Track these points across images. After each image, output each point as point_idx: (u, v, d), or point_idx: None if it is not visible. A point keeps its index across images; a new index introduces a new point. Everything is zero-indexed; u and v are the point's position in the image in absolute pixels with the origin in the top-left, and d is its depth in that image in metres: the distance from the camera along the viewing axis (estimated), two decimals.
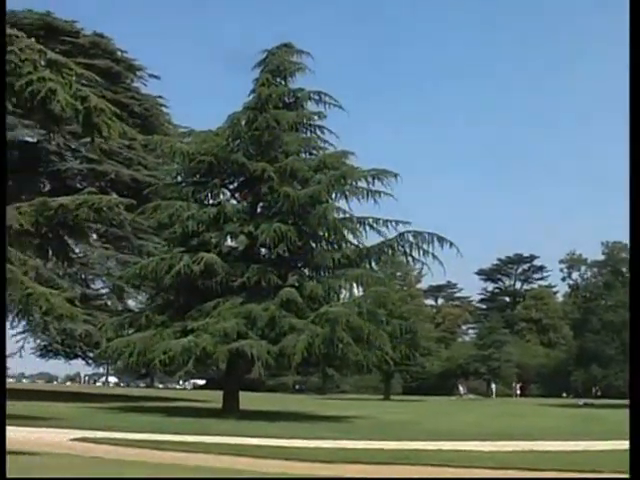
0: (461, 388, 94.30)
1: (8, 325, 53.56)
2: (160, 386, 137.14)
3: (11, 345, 57.21)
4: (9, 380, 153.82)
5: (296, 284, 36.38)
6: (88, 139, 44.30)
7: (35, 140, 56.54)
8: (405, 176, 38.61)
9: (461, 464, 17.35)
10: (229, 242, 38.07)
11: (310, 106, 41.11)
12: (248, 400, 40.94)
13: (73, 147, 56.43)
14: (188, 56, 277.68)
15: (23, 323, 52.90)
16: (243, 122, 39.44)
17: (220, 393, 41.13)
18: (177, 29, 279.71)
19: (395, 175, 38.33)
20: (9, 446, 18.26)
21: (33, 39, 22.34)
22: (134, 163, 57.20)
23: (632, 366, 9.93)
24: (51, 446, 19.16)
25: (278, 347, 34.08)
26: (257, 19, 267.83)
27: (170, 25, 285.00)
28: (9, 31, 21.44)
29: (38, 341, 58.71)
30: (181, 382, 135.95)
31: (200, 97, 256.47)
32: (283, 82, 40.94)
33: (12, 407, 34.83)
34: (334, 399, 76.89)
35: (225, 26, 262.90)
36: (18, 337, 55.71)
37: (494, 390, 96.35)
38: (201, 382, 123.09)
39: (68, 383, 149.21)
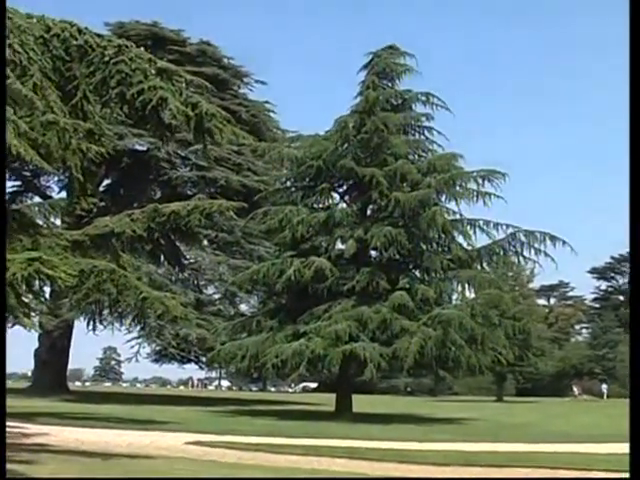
0: (575, 389, 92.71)
1: (125, 330, 54.71)
2: (272, 389, 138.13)
3: (126, 350, 58.44)
4: (123, 384, 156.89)
5: (407, 287, 36.20)
6: (197, 146, 45.15)
7: (145, 148, 57.60)
8: (515, 174, 38.18)
9: (576, 467, 16.99)
10: (339, 246, 38.10)
11: (418, 108, 40.97)
12: (360, 402, 40.89)
13: (183, 155, 57.26)
14: (294, 60, 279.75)
15: (138, 328, 53.95)
16: (351, 125, 39.41)
17: (332, 396, 41.20)
18: (283, 33, 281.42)
19: (504, 175, 37.91)
20: (126, 450, 18.65)
21: (142, 48, 22.60)
22: (243, 169, 57.71)
23: (632, 366, 9.78)
24: (166, 450, 19.41)
25: (390, 349, 34.00)
26: (359, 21, 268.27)
27: (274, 29, 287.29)
28: (117, 41, 21.77)
29: (153, 346, 59.76)
30: (293, 385, 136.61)
31: (307, 101, 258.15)
32: (390, 84, 40.82)
33: (128, 411, 35.63)
34: (446, 401, 76.36)
35: (329, 29, 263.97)
36: (133, 342, 56.84)
37: (605, 391, 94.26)
38: (313, 385, 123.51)
39: (181, 387, 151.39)
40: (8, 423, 24.74)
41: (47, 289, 20.95)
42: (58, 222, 24.48)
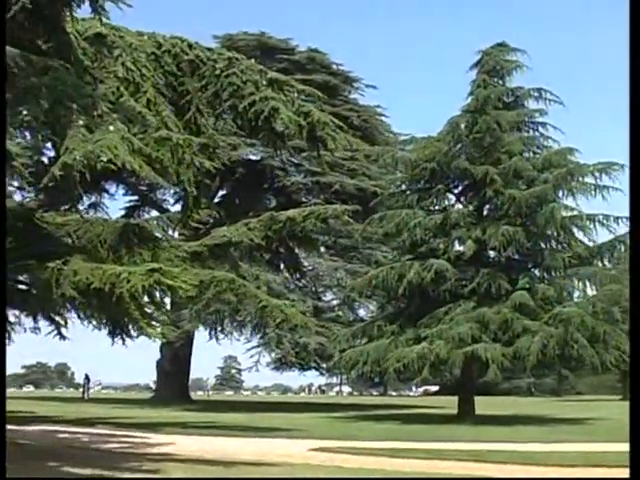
0: None
1: (244, 340, 55.38)
2: (393, 394, 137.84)
3: (247, 359, 58.99)
4: (244, 393, 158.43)
5: (527, 286, 35.70)
6: (310, 153, 45.35)
7: (259, 158, 58.15)
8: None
9: None
10: (457, 247, 37.83)
11: (530, 104, 40.39)
12: (482, 404, 40.46)
13: (296, 162, 57.60)
14: (403, 62, 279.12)
15: (258, 337, 54.51)
16: (463, 125, 39.12)
17: (453, 399, 40.87)
18: (391, 36, 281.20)
19: (622, 166, 36.96)
20: (250, 457, 18.76)
21: (253, 60, 22.83)
22: (358, 174, 57.73)
23: (632, 366, 9.51)
24: (290, 457, 19.43)
25: (512, 349, 33.61)
26: (467, 20, 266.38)
27: (382, 32, 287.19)
28: (228, 54, 22.06)
29: (273, 354, 60.25)
30: (414, 389, 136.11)
31: (418, 103, 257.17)
32: (501, 82, 40.34)
33: (251, 419, 35.93)
34: (570, 400, 75.03)
35: (437, 29, 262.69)
36: (253, 351, 57.42)
37: None
38: (434, 388, 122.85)
39: (302, 394, 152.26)
40: (133, 433, 25.38)
41: (168, 300, 21.29)
42: (176, 234, 24.83)
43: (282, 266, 33.40)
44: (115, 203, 62.46)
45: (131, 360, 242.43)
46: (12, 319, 22.95)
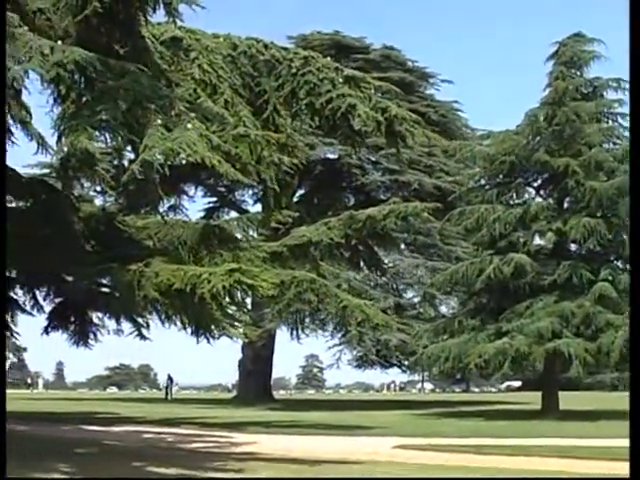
0: None
1: (327, 338, 55.44)
2: (475, 390, 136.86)
3: (328, 357, 59.14)
4: (326, 391, 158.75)
5: (609, 278, 35.22)
6: (388, 150, 45.28)
7: (336, 156, 58.15)
8: None
9: None
10: (537, 241, 37.51)
11: (609, 94, 39.82)
12: (566, 400, 39.95)
13: (374, 160, 57.51)
14: (479, 56, 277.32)
15: (339, 336, 54.51)
16: (541, 118, 38.79)
17: (537, 394, 40.46)
18: (465, 29, 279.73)
19: None
20: (335, 456, 18.73)
21: (329, 58, 22.83)
22: (436, 170, 57.51)
23: (632, 365, 9.52)
24: (375, 454, 19.37)
25: (595, 344, 33.27)
26: (541, 12, 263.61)
27: (457, 26, 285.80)
28: (304, 53, 22.08)
29: (354, 352, 60.22)
30: (497, 385, 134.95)
31: (495, 96, 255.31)
32: (578, 73, 39.86)
33: (334, 417, 35.91)
34: None
35: (512, 22, 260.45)
36: (335, 350, 57.41)
37: None
38: (516, 384, 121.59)
39: (384, 392, 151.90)
40: (217, 433, 25.54)
41: (249, 300, 21.37)
42: (255, 235, 24.88)
43: (362, 264, 33.14)
44: (194, 205, 63.03)
45: (213, 360, 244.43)
46: (96, 321, 23.28)
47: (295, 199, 58.20)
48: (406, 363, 58.45)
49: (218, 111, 17.50)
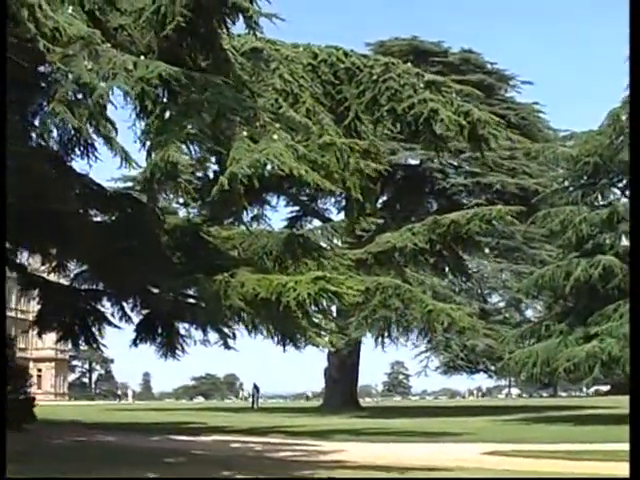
0: None
1: (412, 344, 55.26)
2: (563, 394, 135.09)
3: (414, 364, 58.96)
4: (412, 398, 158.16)
5: None
6: (469, 153, 45.00)
7: (418, 161, 57.99)
8: None
9: None
10: (624, 242, 36.89)
11: None
12: None
13: (456, 164, 57.22)
14: (558, 57, 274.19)
15: (425, 342, 54.30)
16: (624, 117, 38.13)
17: (626, 398, 39.72)
18: (543, 30, 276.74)
19: None
20: (423, 463, 18.60)
21: (409, 64, 22.84)
22: (518, 172, 56.96)
23: (632, 365, 9.47)
24: (463, 461, 19.16)
25: None
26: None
27: (534, 28, 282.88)
28: (384, 60, 22.09)
29: (440, 358, 59.90)
30: (584, 389, 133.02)
31: (576, 97, 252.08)
32: None
33: (420, 424, 35.73)
34: None
35: (589, 21, 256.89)
36: (422, 356, 57.18)
37: None
38: (604, 388, 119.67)
39: (470, 398, 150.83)
40: (304, 442, 25.54)
41: (334, 308, 21.37)
42: (339, 243, 24.93)
43: (447, 269, 33.12)
44: (277, 215, 63.29)
45: (298, 369, 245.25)
46: (182, 332, 23.48)
47: (378, 205, 58.20)
48: (493, 368, 58.00)
49: (301, 120, 17.59)
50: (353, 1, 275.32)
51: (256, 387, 73.64)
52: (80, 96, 13.77)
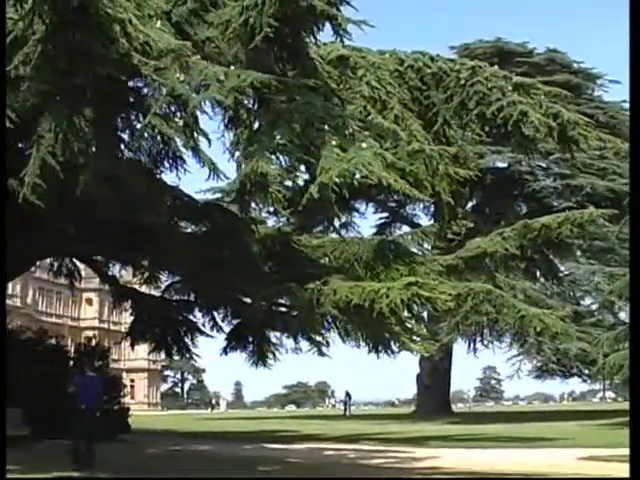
0: None
1: (504, 349, 54.71)
2: None
3: (506, 369, 58.41)
4: (505, 403, 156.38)
5: None
6: (558, 155, 44.41)
7: (506, 164, 57.46)
8: None
9: None
10: None
11: None
12: None
13: (544, 166, 56.56)
14: None
15: (517, 346, 53.73)
16: None
17: None
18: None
19: None
20: (518, 469, 18.38)
21: (496, 67, 22.66)
22: (608, 173, 55.97)
23: (632, 366, 9.63)
24: (558, 466, 18.94)
25: None
26: None
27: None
28: (470, 63, 21.97)
29: (534, 362, 59.23)
30: None
31: None
32: None
33: (514, 430, 35.33)
34: None
35: None
36: (514, 360, 56.56)
37: None
38: None
39: (564, 402, 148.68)
40: (398, 448, 25.45)
41: (425, 314, 21.29)
42: (429, 248, 24.79)
43: (538, 273, 32.69)
44: (365, 222, 63.22)
45: (390, 375, 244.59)
46: (273, 340, 23.58)
47: (468, 210, 57.81)
48: (586, 372, 57.15)
49: (389, 127, 17.56)
50: (433, 6, 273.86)
51: (348, 394, 73.56)
52: (173, 108, 13.97)
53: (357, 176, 14.04)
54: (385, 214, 59.37)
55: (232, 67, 14.58)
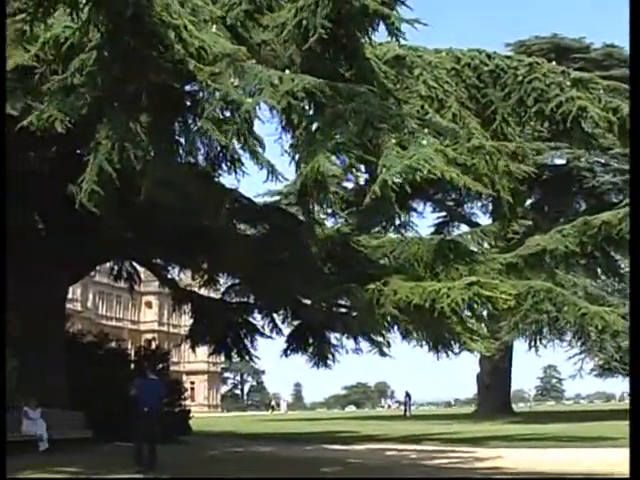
0: None
1: (565, 347, 54.19)
2: None
3: (567, 367, 57.92)
4: (566, 402, 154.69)
5: None
6: (617, 150, 43.87)
7: (564, 161, 56.91)
8: None
9: None
10: None
11: None
12: None
13: (603, 161, 55.93)
14: None
15: (579, 344, 53.22)
16: None
17: None
18: None
19: None
20: (583, 469, 18.17)
21: (554, 63, 22.45)
22: None
23: (632, 366, 9.23)
24: (622, 466, 18.65)
25: None
26: None
27: None
28: (528, 60, 21.82)
29: (595, 360, 58.61)
30: None
31: None
32: None
33: (576, 429, 34.95)
34: None
35: None
36: (575, 359, 56.01)
37: None
38: None
39: (626, 401, 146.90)
40: (459, 448, 25.31)
41: (484, 313, 21.21)
42: (488, 247, 24.65)
43: (599, 270, 32.37)
44: (423, 221, 62.97)
45: (449, 375, 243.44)
46: (333, 341, 23.59)
47: (526, 207, 57.36)
48: None
49: (448, 125, 17.50)
50: (487, 3, 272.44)
51: (408, 395, 73.34)
52: (227, 113, 13.99)
53: (420, 173, 13.96)
54: (443, 213, 59.12)
55: (287, 70, 14.59)
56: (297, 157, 14.41)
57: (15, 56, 14.30)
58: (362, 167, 15.88)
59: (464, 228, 50.43)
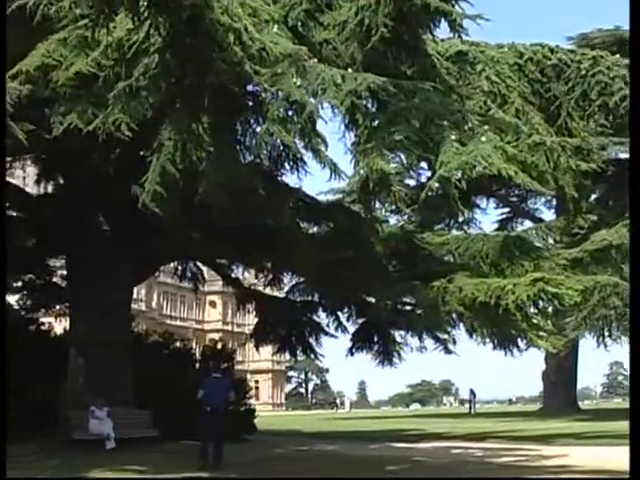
0: None
1: None
2: None
3: None
4: None
5: None
6: None
7: (628, 156, 56.14)
8: None
9: None
10: None
11: None
12: None
13: None
14: None
15: None
16: None
17: None
18: None
19: None
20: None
21: (617, 55, 22.25)
22: None
23: (632, 365, 9.26)
24: None
25: None
26: None
27: None
28: (592, 53, 21.69)
29: None
30: None
31: None
32: None
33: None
34: None
35: None
36: None
37: None
38: None
39: None
40: (525, 446, 25.09)
41: (550, 309, 21.03)
42: (552, 243, 24.40)
43: None
44: (486, 217, 62.53)
45: (514, 372, 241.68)
46: (398, 339, 23.51)
47: (591, 202, 56.67)
48: None
49: (510, 121, 17.38)
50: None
51: (473, 392, 72.95)
52: (291, 113, 14.03)
53: (477, 169, 13.90)
54: (506, 209, 58.62)
55: (349, 69, 14.59)
56: (359, 155, 14.40)
57: (77, 63, 14.42)
58: (425, 165, 15.88)
59: (528, 224, 50.00)
